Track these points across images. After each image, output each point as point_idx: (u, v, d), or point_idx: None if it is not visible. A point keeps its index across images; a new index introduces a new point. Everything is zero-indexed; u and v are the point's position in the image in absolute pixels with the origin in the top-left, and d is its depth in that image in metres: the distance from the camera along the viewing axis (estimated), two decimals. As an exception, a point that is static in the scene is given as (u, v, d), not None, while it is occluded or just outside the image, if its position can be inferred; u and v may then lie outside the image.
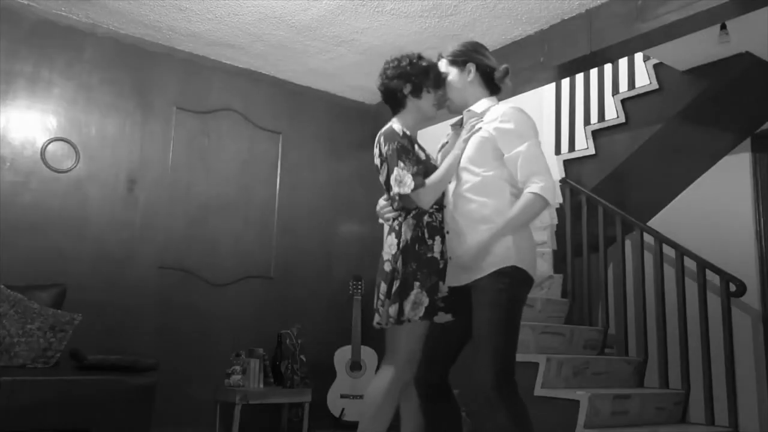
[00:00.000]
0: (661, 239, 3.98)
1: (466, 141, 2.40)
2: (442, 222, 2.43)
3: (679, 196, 4.68)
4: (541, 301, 4.10)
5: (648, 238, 4.09)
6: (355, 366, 4.10)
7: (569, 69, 3.73)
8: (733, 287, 3.70)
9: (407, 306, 2.32)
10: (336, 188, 4.60)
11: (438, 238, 2.40)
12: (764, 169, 4.41)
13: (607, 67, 4.72)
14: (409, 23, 3.66)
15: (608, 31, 3.31)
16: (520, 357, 3.43)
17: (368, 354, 4.14)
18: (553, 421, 3.21)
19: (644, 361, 3.93)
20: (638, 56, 4.49)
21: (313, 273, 4.40)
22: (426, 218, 2.42)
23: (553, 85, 5.10)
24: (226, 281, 4.04)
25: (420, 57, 2.54)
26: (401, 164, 2.37)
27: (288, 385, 3.85)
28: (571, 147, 4.85)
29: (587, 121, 4.80)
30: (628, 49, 3.46)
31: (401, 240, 2.39)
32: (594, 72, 4.80)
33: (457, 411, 2.54)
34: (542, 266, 4.39)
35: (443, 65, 2.54)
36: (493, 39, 3.79)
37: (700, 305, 3.76)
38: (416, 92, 2.52)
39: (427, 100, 2.53)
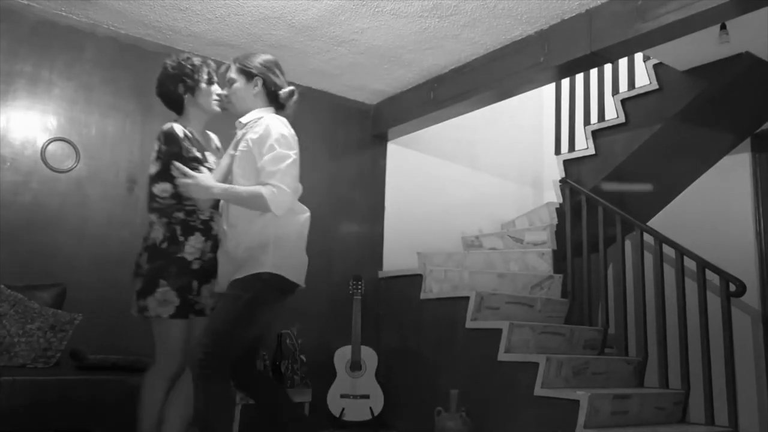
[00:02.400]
0: (661, 239, 3.99)
1: (231, 156, 2.54)
2: (205, 221, 2.51)
3: (679, 196, 4.69)
4: (540, 301, 4.11)
5: (648, 238, 4.09)
6: (355, 366, 4.10)
7: (569, 69, 3.73)
8: (733, 287, 3.70)
9: (152, 303, 2.41)
10: (336, 188, 4.60)
11: (192, 238, 2.47)
12: (764, 169, 4.41)
13: (607, 67, 4.73)
14: (409, 23, 3.66)
15: (608, 31, 3.31)
16: (520, 357, 3.48)
17: (368, 354, 4.14)
18: (552, 421, 3.21)
19: (644, 361, 3.93)
20: (638, 56, 4.49)
21: (312, 272, 4.35)
22: (181, 216, 2.49)
23: (553, 85, 5.11)
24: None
25: (188, 58, 2.64)
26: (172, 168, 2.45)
27: (288, 384, 3.85)
28: (571, 147, 4.86)
29: (587, 121, 4.81)
30: (628, 49, 3.47)
31: (150, 238, 2.48)
32: (594, 72, 4.81)
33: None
34: (542, 266, 4.39)
35: (233, 71, 2.65)
36: (493, 39, 3.80)
37: (699, 305, 3.76)
38: (190, 90, 2.59)
39: (204, 96, 2.62)
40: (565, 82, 5.09)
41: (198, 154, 2.53)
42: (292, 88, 2.69)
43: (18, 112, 3.54)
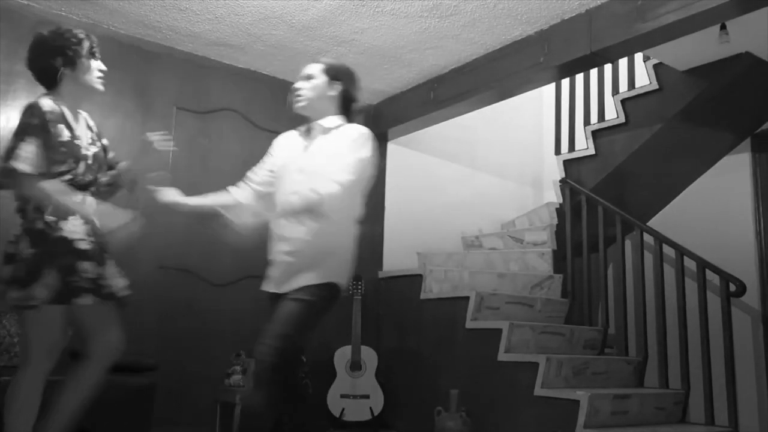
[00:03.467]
0: (660, 239, 3.99)
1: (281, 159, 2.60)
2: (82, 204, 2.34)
3: (679, 196, 4.68)
4: (541, 301, 4.11)
5: (648, 238, 4.09)
6: (355, 366, 4.10)
7: (569, 69, 3.73)
8: (733, 287, 3.70)
9: (37, 289, 2.20)
10: (336, 188, 4.60)
11: (71, 218, 2.29)
12: (764, 169, 4.41)
13: (607, 67, 4.73)
14: (409, 23, 3.66)
15: (608, 31, 3.31)
16: (520, 357, 3.48)
17: (368, 354, 4.14)
18: (552, 421, 3.22)
19: (644, 361, 3.93)
20: (638, 56, 4.49)
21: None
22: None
23: (552, 85, 5.11)
24: (227, 281, 4.04)
25: (69, 29, 2.44)
26: (27, 140, 2.25)
27: (288, 385, 3.84)
28: (571, 147, 4.86)
29: (587, 121, 4.81)
30: (628, 49, 3.47)
31: (25, 221, 2.29)
32: (594, 72, 4.81)
33: None
34: (542, 266, 4.39)
35: (316, 68, 2.62)
36: (493, 39, 3.80)
37: (699, 305, 3.76)
38: (70, 64, 2.40)
39: (85, 70, 2.43)
40: (565, 82, 5.09)
41: (67, 134, 2.35)
42: (366, 104, 2.73)
43: (18, 112, 3.52)
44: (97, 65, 2.48)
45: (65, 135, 2.34)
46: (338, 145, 2.50)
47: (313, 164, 2.50)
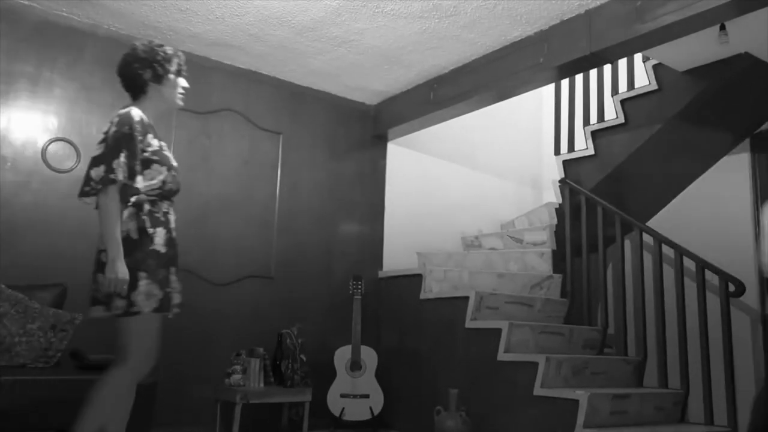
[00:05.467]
0: (660, 239, 3.99)
1: None
2: (166, 213, 2.42)
3: (679, 196, 4.69)
4: (540, 301, 4.11)
5: (647, 238, 4.10)
6: (355, 366, 4.11)
7: (569, 69, 3.73)
8: (732, 287, 3.71)
9: (138, 297, 2.27)
10: (336, 188, 4.61)
11: (161, 230, 2.37)
12: (763, 170, 4.42)
13: (607, 68, 4.73)
14: (409, 24, 3.67)
15: (608, 32, 3.32)
16: (519, 357, 3.49)
17: (368, 354, 4.15)
18: (552, 420, 3.22)
19: (643, 361, 3.94)
20: (638, 57, 4.50)
21: (313, 273, 4.40)
22: (147, 207, 2.38)
23: (552, 85, 5.12)
24: (227, 281, 4.05)
25: (161, 45, 2.53)
26: (123, 152, 2.31)
27: (288, 384, 3.85)
28: (571, 147, 4.86)
29: (587, 121, 4.81)
30: (627, 49, 3.47)
31: (122, 230, 2.33)
32: (593, 72, 4.82)
33: None
34: (542, 266, 4.40)
35: None
36: (492, 39, 3.80)
37: (699, 305, 3.77)
38: (157, 78, 2.49)
39: (170, 86, 2.52)
40: (565, 83, 5.10)
41: (156, 143, 2.42)
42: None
43: (19, 113, 3.55)
44: (181, 83, 2.57)
45: (155, 144, 2.42)
46: None
47: None
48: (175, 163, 2.51)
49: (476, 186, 5.28)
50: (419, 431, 3.94)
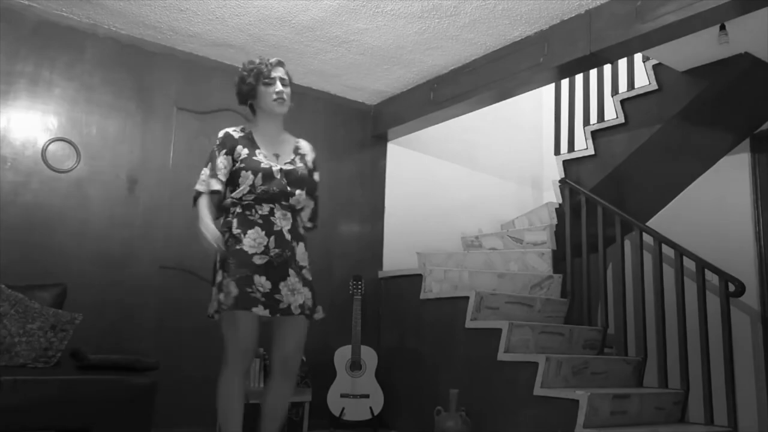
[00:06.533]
0: (660, 239, 3.99)
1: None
2: (265, 216, 2.53)
3: (679, 196, 4.69)
4: (540, 301, 4.11)
5: (647, 238, 4.10)
6: (355, 366, 4.10)
7: (569, 69, 3.73)
8: (732, 287, 3.71)
9: (219, 296, 2.45)
10: (336, 188, 4.61)
11: (251, 232, 2.50)
12: (763, 170, 4.42)
13: (607, 68, 4.73)
14: (409, 24, 3.67)
15: (608, 32, 3.32)
16: (519, 357, 3.49)
17: (368, 354, 4.15)
18: (552, 420, 3.22)
19: (643, 361, 3.94)
20: (638, 57, 4.50)
21: (313, 273, 4.38)
22: (238, 210, 2.55)
23: (552, 85, 5.12)
24: (227, 281, 4.05)
25: (251, 60, 2.70)
26: (209, 164, 2.63)
27: (288, 384, 3.85)
28: (571, 147, 4.86)
29: (587, 121, 4.81)
30: (627, 49, 3.47)
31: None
32: (593, 72, 4.82)
33: None
34: (542, 266, 4.40)
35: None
36: (492, 39, 3.80)
37: (699, 305, 3.77)
38: (251, 95, 2.67)
39: (263, 97, 2.66)
40: (565, 83, 5.10)
41: (246, 152, 2.59)
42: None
43: (19, 113, 3.55)
44: (271, 90, 2.65)
45: (244, 153, 2.60)
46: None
47: None
48: (268, 166, 2.59)
49: (476, 186, 5.27)
50: (419, 431, 3.94)
